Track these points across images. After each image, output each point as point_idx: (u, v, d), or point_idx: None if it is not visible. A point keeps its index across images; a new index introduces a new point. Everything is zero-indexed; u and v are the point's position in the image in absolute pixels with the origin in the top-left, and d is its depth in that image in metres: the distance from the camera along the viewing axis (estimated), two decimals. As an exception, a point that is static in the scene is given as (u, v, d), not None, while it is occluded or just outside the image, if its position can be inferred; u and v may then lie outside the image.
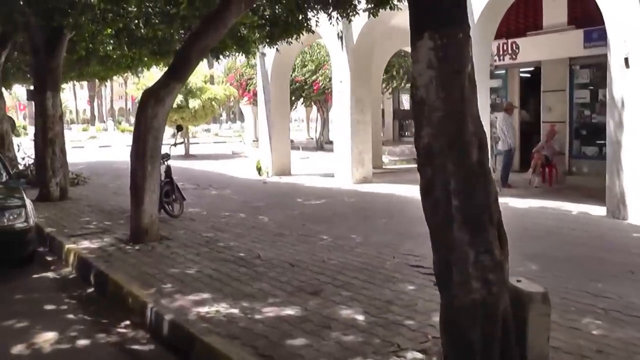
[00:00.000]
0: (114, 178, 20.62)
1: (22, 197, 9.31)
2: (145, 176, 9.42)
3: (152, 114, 9.35)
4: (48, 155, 14.58)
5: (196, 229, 10.69)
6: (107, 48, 15.76)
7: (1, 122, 18.46)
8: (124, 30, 13.99)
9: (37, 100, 14.84)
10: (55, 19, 12.68)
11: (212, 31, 9.55)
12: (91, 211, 13.18)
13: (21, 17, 13.31)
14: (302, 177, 19.80)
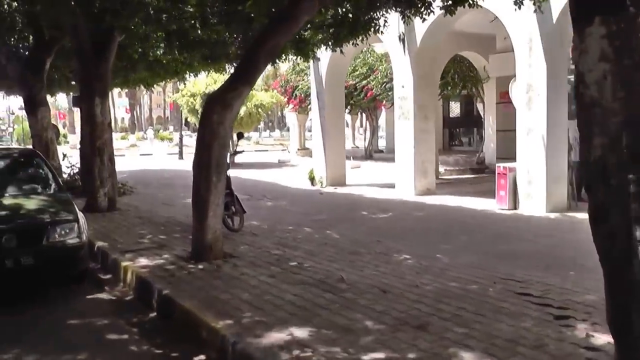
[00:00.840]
0: (161, 187, 19.90)
1: (74, 211, 8.46)
2: (209, 188, 8.51)
3: (218, 120, 8.44)
4: (96, 165, 13.81)
5: (261, 245, 9.75)
6: (156, 52, 15.06)
7: (46, 130, 17.80)
8: (177, 32, 13.20)
9: (85, 107, 14.11)
10: (106, 20, 11.94)
11: (282, 31, 8.67)
12: (142, 223, 12.34)
13: (71, 18, 12.58)
14: (359, 187, 18.79)
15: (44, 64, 17.01)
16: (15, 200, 8.69)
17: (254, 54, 8.69)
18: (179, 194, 17.86)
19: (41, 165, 9.97)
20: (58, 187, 9.51)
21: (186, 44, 14.27)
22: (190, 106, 28.21)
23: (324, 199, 16.58)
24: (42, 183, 9.60)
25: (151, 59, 16.38)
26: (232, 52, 15.08)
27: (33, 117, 17.71)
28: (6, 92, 27.08)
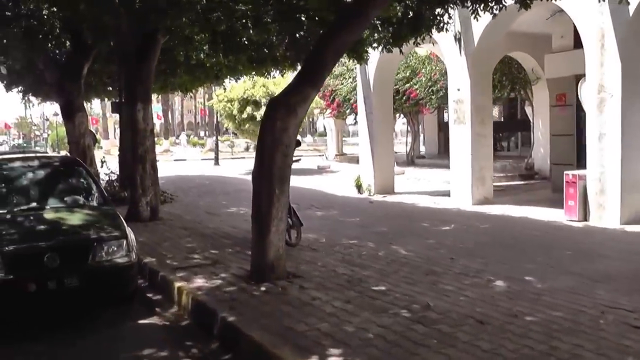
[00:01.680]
0: (201, 195, 19.19)
1: (122, 226, 7.70)
2: (272, 201, 7.65)
3: (281, 127, 7.60)
4: (138, 172, 13.09)
5: (325, 263, 8.87)
6: (200, 55, 14.31)
7: (83, 137, 17.20)
8: (223, 33, 12.42)
9: (127, 112, 13.41)
10: (150, 20, 11.20)
11: (351, 27, 7.84)
12: (189, 235, 11.57)
13: (113, 19, 11.86)
14: (409, 196, 17.84)
15: (82, 69, 16.45)
16: (57, 214, 7.96)
17: (320, 53, 7.84)
18: (220, 202, 17.17)
19: (84, 174, 9.24)
20: (103, 198, 8.74)
21: (232, 46, 13.49)
22: (227, 111, 27.46)
23: (376, 209, 15.67)
24: (86, 194, 8.89)
25: (193, 63, 15.62)
26: (280, 54, 14.24)
27: (70, 123, 17.13)
28: (43, 99, 26.57)
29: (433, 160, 28.58)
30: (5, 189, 8.65)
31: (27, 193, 8.57)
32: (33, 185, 8.75)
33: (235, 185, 22.30)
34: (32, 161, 9.46)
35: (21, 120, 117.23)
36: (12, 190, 8.63)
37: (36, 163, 9.35)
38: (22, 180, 8.82)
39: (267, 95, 26.35)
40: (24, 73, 20.30)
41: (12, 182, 8.76)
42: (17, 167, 9.04)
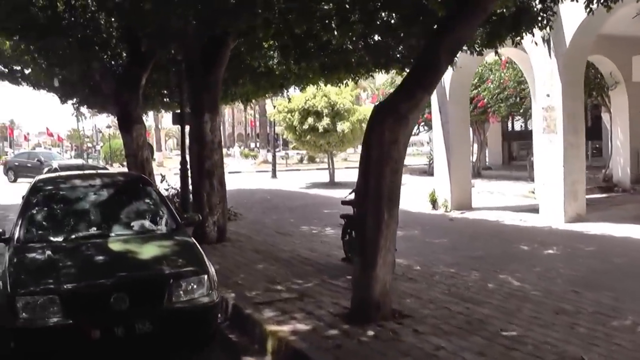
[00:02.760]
0: (266, 211, 18.16)
1: (202, 257, 6.60)
2: (379, 228, 6.47)
3: (390, 139, 6.43)
4: (204, 189, 12.09)
5: (432, 297, 7.64)
6: (269, 62, 13.28)
7: (141, 149, 16.29)
8: (297, 37, 11.32)
9: (193, 124, 12.41)
10: (221, 23, 10.18)
11: (468, 22, 6.68)
12: (264, 260, 10.49)
13: (180, 23, 10.89)
14: (490, 212, 16.49)
15: (140, 79, 15.56)
16: (124, 245, 6.90)
17: (433, 52, 6.66)
18: (288, 219, 16.12)
19: (152, 194, 8.17)
20: (175, 224, 7.60)
21: (306, 51, 12.40)
22: (287, 122, 26.38)
23: (460, 227, 14.38)
24: (156, 219, 7.79)
25: (260, 70, 14.63)
26: (354, 59, 13.08)
27: (128, 136, 16.25)
28: (99, 110, 25.95)
29: (499, 172, 27.16)
30: (62, 213, 7.64)
31: (88, 217, 7.56)
32: (94, 208, 7.71)
33: (299, 200, 21.29)
34: (93, 179, 8.45)
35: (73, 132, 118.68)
36: (71, 214, 7.60)
37: (98, 182, 8.31)
38: (82, 203, 7.78)
39: (328, 106, 25.29)
40: (79, 84, 19.70)
41: (70, 205, 7.73)
42: (76, 187, 8.04)
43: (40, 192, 7.80)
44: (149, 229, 7.51)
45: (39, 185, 8.01)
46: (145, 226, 7.54)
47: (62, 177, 8.71)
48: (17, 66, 20.27)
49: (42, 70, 18.81)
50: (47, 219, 7.44)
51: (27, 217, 7.25)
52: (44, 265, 6.30)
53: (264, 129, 65.58)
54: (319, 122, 25.37)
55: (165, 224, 7.62)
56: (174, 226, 7.52)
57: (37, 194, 7.72)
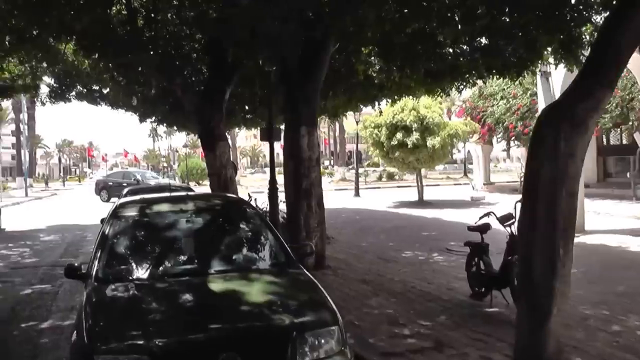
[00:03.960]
0: (359, 233, 16.89)
1: (328, 302, 5.15)
2: (553, 268, 4.95)
3: (566, 151, 4.97)
4: (302, 211, 10.85)
5: (601, 352, 6.17)
6: (369, 69, 12.01)
7: (225, 168, 15.32)
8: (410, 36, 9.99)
9: (288, 139, 11.18)
10: (322, 23, 8.96)
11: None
12: (374, 292, 9.18)
13: (274, 26, 9.75)
14: (607, 236, 14.77)
15: (223, 94, 14.74)
16: (227, 284, 5.51)
17: (612, 40, 5.21)
18: (386, 243, 14.79)
19: (256, 220, 6.79)
20: (286, 256, 6.19)
21: (412, 56, 11.08)
22: (374, 138, 25.04)
23: (583, 255, 12.39)
24: (262, 250, 6.46)
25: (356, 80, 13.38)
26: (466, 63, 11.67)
27: (211, 154, 15.34)
28: (179, 128, 25.14)
29: (596, 190, 24.92)
30: (150, 244, 6.39)
31: (181, 250, 6.29)
32: (188, 238, 6.45)
33: (391, 221, 19.97)
34: (184, 203, 7.15)
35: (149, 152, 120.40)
36: (160, 245, 6.32)
37: (190, 206, 7.01)
38: (173, 231, 6.54)
39: (417, 120, 23.83)
40: (159, 102, 18.95)
41: (159, 234, 6.49)
42: (165, 212, 6.76)
43: (122, 218, 6.56)
44: (256, 264, 6.22)
45: (121, 210, 6.80)
46: (251, 260, 6.26)
47: (148, 200, 7.47)
48: (96, 86, 19.91)
49: (120, 89, 18.33)
50: (131, 251, 6.20)
51: (108, 249, 6.00)
52: (129, 312, 5.02)
53: (342, 146, 64.44)
54: (408, 137, 23.93)
55: (274, 257, 6.26)
56: (284, 259, 6.14)
57: (120, 221, 6.48)
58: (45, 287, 11.32)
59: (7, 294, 10.77)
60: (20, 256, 15.49)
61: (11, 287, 11.36)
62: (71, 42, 14.65)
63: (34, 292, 10.84)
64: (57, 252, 15.77)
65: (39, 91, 20.81)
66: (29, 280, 11.96)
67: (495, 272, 8.38)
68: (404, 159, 24.93)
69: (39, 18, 10.67)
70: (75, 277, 5.93)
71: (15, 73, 18.03)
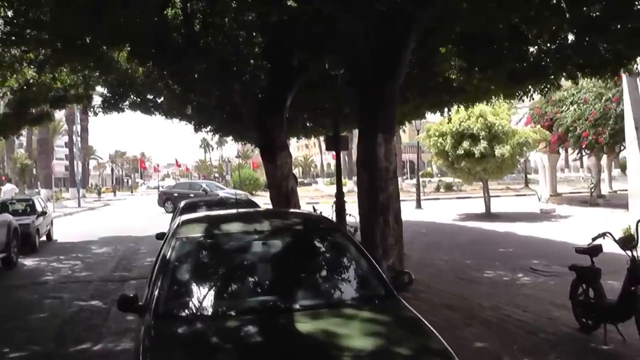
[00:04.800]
0: (429, 249, 15.93)
1: (446, 350, 4.04)
2: None
3: None
4: (378, 227, 9.71)
5: None
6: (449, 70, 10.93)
7: (286, 179, 14.40)
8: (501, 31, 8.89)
9: (363, 148, 10.07)
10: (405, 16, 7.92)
11: None
12: (465, 321, 8.17)
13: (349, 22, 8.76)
14: None
15: (284, 101, 13.80)
16: (320, 324, 4.42)
17: None
18: (462, 261, 13.69)
19: (346, 245, 5.64)
20: (384, 287, 5.07)
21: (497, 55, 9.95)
22: (439, 148, 23.70)
23: None
24: (356, 280, 5.34)
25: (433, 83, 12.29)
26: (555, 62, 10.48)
27: (271, 164, 14.42)
28: (236, 138, 24.30)
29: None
30: (219, 272, 5.33)
31: (258, 280, 5.25)
32: (266, 266, 5.44)
33: (461, 236, 18.82)
34: (259, 222, 5.95)
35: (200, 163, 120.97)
36: (232, 274, 5.29)
37: (266, 225, 5.86)
38: (247, 257, 5.51)
39: (485, 128, 22.47)
40: (216, 111, 18.18)
41: (230, 260, 5.48)
42: (237, 233, 5.67)
43: (186, 240, 5.46)
44: (349, 296, 5.09)
45: (184, 229, 5.72)
46: (343, 292, 5.14)
47: (215, 218, 6.45)
48: (150, 95, 19.44)
49: (175, 98, 17.71)
50: (197, 281, 5.12)
51: (169, 277, 4.98)
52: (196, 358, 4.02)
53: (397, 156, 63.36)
54: (475, 146, 22.58)
55: (370, 288, 5.16)
56: (384, 290, 5.05)
57: (182, 243, 5.40)
58: (96, 304, 10.74)
59: (56, 311, 10.22)
60: (71, 269, 14.98)
61: (60, 304, 10.80)
62: (124, 49, 14.20)
63: (83, 310, 10.26)
64: (109, 265, 15.20)
65: (92, 101, 20.40)
66: (79, 296, 11.41)
67: (610, 302, 7.21)
68: (470, 169, 23.57)
69: (90, 23, 10.02)
70: (130, 310, 4.98)
71: (68, 83, 17.61)
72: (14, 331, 9.01)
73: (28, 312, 10.21)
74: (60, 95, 18.77)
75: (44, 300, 11.15)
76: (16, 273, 14.65)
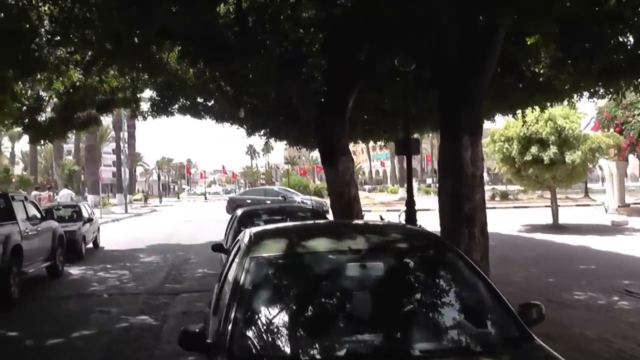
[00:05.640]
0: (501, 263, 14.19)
1: None
2: None
3: None
4: (462, 240, 8.45)
5: None
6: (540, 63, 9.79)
7: (348, 185, 13.52)
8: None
9: (445, 151, 8.92)
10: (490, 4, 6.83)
11: None
12: (572, 355, 6.80)
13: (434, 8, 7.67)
14: None
15: (347, 101, 13.03)
16: None
17: None
18: (542, 278, 12.73)
19: (463, 270, 4.44)
20: (516, 326, 3.94)
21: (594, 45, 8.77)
22: (505, 154, 22.23)
23: None
24: (482, 317, 4.15)
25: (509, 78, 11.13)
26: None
27: (332, 170, 13.61)
28: (291, 142, 23.34)
29: None
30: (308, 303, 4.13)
31: (358, 313, 4.09)
32: (367, 295, 4.28)
33: (532, 249, 17.54)
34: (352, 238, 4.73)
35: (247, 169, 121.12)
36: (324, 305, 4.13)
37: (361, 242, 4.63)
38: (343, 283, 4.33)
39: (555, 132, 21.03)
40: (271, 113, 17.28)
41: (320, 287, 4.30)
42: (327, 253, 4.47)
43: (263, 261, 4.33)
44: (478, 339, 3.92)
45: (261, 247, 4.54)
46: (470, 333, 3.96)
47: (296, 231, 5.39)
48: (200, 98, 18.77)
49: (227, 100, 16.78)
50: (281, 312, 4.00)
51: (245, 308, 3.89)
52: None
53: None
54: (544, 152, 21.14)
55: (499, 327, 4.01)
56: (517, 332, 3.89)
57: (259, 265, 4.27)
58: (146, 319, 9.87)
59: (103, 328, 9.36)
60: (119, 280, 14.18)
61: (107, 320, 9.96)
62: (174, 50, 13.63)
63: (133, 327, 9.37)
64: (158, 276, 14.36)
65: (140, 105, 19.85)
66: (127, 310, 10.57)
67: None
68: (538, 177, 22.12)
69: (138, 21, 9.45)
70: (196, 349, 3.98)
71: (115, 85, 17.12)
72: (58, 349, 8.31)
73: (73, 327, 9.39)
74: (107, 98, 18.28)
75: (90, 315, 10.35)
76: (61, 283, 13.93)
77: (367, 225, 6.13)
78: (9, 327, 9.65)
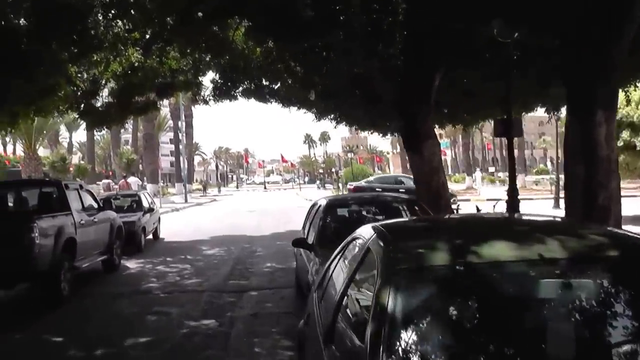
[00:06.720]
0: None
1: None
2: None
3: None
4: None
5: None
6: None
7: (437, 173, 12.46)
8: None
9: (575, 130, 7.44)
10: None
11: None
12: None
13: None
14: None
15: (432, 81, 11.81)
16: None
17: None
18: None
19: None
20: None
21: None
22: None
23: None
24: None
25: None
26: None
27: (417, 155, 12.43)
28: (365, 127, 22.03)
29: None
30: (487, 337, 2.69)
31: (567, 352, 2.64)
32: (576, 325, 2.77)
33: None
34: (542, 242, 3.16)
35: (305, 158, 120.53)
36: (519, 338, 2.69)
37: (556, 249, 3.09)
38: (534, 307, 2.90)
39: (647, 116, 19.24)
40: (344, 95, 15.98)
41: (502, 314, 2.80)
42: (509, 264, 2.95)
43: (415, 278, 2.92)
44: None
45: (405, 257, 3.11)
46: None
47: (440, 227, 4.07)
48: (266, 81, 17.86)
49: (297, 81, 15.86)
50: (447, 350, 2.65)
51: (402, 347, 2.57)
52: None
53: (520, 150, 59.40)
54: (636, 137, 19.33)
55: None
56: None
57: (410, 284, 2.86)
58: (211, 323, 8.55)
59: (161, 334, 8.03)
60: (180, 275, 12.98)
61: (167, 323, 8.67)
62: (240, 28, 12.92)
63: (196, 334, 8.05)
64: (223, 270, 13.17)
65: (202, 88, 18.95)
66: (189, 312, 9.27)
67: None
68: (629, 165, 20.27)
69: None
70: None
71: (176, 67, 16.14)
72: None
73: (126, 332, 8.10)
74: (167, 82, 17.24)
75: (147, 316, 9.08)
76: (117, 278, 12.83)
77: (547, 223, 4.21)
78: (54, 330, 8.41)
